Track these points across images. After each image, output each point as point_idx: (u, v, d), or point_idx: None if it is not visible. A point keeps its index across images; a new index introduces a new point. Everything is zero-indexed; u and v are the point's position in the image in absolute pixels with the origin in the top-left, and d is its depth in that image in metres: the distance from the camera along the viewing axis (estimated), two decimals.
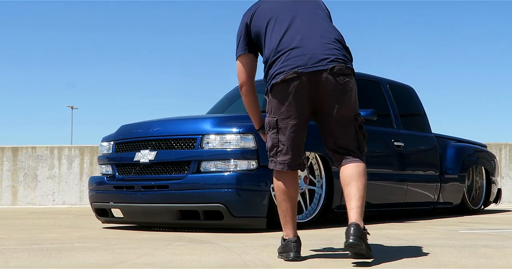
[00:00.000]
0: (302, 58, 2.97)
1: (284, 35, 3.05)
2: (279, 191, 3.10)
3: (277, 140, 3.06)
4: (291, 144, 3.04)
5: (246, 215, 4.67)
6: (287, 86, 2.97)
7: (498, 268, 2.67)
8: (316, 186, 5.20)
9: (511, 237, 4.18)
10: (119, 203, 5.13)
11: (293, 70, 2.95)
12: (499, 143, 11.43)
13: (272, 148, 3.09)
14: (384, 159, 6.20)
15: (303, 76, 2.95)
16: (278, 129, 3.04)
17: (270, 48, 3.07)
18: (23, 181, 10.72)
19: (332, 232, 4.60)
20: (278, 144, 3.06)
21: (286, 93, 2.98)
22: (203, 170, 4.72)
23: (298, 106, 3.00)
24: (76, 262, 2.96)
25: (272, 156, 3.11)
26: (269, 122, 3.08)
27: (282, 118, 3.02)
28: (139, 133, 5.12)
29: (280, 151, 3.05)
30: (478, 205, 7.69)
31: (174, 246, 3.65)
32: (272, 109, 3.06)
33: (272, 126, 3.07)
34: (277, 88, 3.00)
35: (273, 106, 3.05)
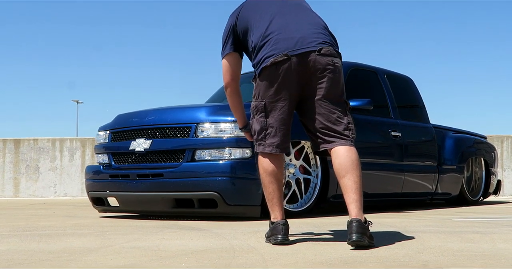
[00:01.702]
0: (291, 41, 3.01)
1: (272, 22, 3.11)
2: (266, 173, 3.12)
3: (265, 123, 3.08)
4: (280, 126, 3.08)
5: (240, 203, 4.68)
6: (277, 69, 3.00)
7: (481, 251, 2.68)
8: (312, 175, 5.21)
9: (502, 225, 4.18)
10: (114, 192, 5.16)
11: (282, 52, 2.98)
12: (501, 135, 11.40)
13: (260, 131, 3.12)
14: (380, 149, 6.20)
15: (293, 58, 2.98)
16: (266, 112, 3.07)
17: (258, 34, 3.11)
18: (25, 173, 10.77)
19: (326, 220, 4.61)
20: (266, 127, 3.09)
21: (276, 76, 3.01)
22: (198, 159, 4.73)
23: (288, 88, 3.02)
24: (63, 246, 2.98)
25: (260, 140, 3.12)
26: (257, 106, 3.11)
27: (271, 101, 3.05)
28: (134, 122, 5.14)
29: (269, 134, 3.09)
30: (477, 196, 7.68)
31: (165, 233, 3.67)
32: (260, 93, 3.08)
33: (260, 109, 3.09)
34: (266, 71, 3.03)
35: (262, 89, 3.07)
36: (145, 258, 2.50)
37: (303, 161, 5.15)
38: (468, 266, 2.25)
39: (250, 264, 2.33)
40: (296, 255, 2.57)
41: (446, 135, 7.27)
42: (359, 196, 2.88)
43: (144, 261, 2.41)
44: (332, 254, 2.61)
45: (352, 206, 2.86)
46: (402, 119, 6.49)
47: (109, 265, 2.33)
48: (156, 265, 2.32)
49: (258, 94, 3.11)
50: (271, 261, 2.39)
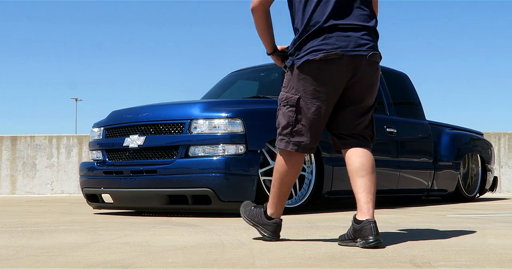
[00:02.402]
0: (344, 39, 2.78)
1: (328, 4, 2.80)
2: (284, 173, 2.92)
3: (294, 119, 2.84)
4: (311, 127, 2.84)
5: (234, 199, 4.67)
6: (325, 66, 2.76)
7: (471, 246, 2.67)
8: (306, 171, 5.20)
9: (495, 221, 4.18)
10: (108, 188, 5.15)
11: (335, 50, 2.75)
12: (498, 132, 11.39)
13: (286, 126, 2.87)
14: (376, 145, 6.12)
15: (344, 58, 2.77)
16: (298, 108, 2.82)
17: (307, 13, 2.81)
18: (22, 170, 10.76)
19: (319, 217, 4.61)
20: (294, 123, 2.84)
21: (322, 73, 2.78)
22: (192, 155, 4.72)
23: (331, 89, 2.80)
24: (53, 242, 2.97)
25: (285, 135, 2.88)
26: (288, 98, 2.84)
27: (308, 97, 2.80)
28: (128, 118, 5.13)
29: (297, 132, 2.85)
30: (474, 193, 7.68)
31: (157, 229, 3.67)
32: (296, 86, 2.82)
33: (291, 103, 2.84)
34: (312, 65, 2.77)
35: (299, 82, 2.81)
36: (133, 254, 2.49)
37: None
38: (455, 260, 2.24)
39: (237, 259, 2.32)
40: (285, 250, 2.56)
41: (442, 131, 7.26)
42: (374, 197, 2.79)
43: (132, 257, 2.40)
44: (322, 249, 2.60)
45: (368, 206, 2.72)
46: (397, 115, 6.49)
47: (96, 260, 2.32)
48: (144, 260, 2.31)
49: (292, 86, 2.83)
50: (259, 257, 2.39)
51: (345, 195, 5.62)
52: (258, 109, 5.08)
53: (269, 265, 2.17)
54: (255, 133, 4.78)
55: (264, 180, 4.85)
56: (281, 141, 2.91)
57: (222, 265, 2.17)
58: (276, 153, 4.93)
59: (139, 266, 2.16)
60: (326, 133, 3.04)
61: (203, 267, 2.13)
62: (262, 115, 5.02)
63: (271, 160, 4.93)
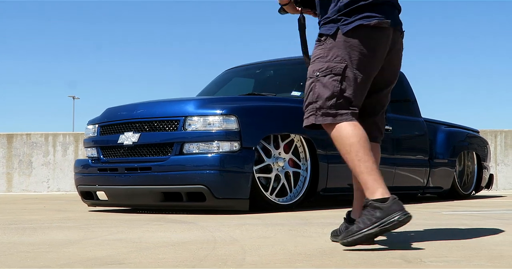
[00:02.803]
0: (391, 12, 2.66)
1: None
2: (363, 140, 2.49)
3: (339, 89, 2.55)
4: (356, 99, 2.59)
5: (228, 196, 4.66)
6: (376, 33, 2.59)
7: (464, 243, 2.67)
8: (301, 169, 5.19)
9: (490, 218, 4.18)
10: (103, 185, 5.14)
11: (387, 19, 2.60)
12: (494, 130, 11.39)
13: (331, 97, 2.56)
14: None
15: (390, 30, 2.63)
16: (344, 77, 2.56)
17: None
18: (18, 168, 10.74)
19: (314, 214, 4.60)
20: (340, 93, 2.56)
21: (372, 41, 2.59)
22: (186, 152, 4.72)
23: (376, 60, 2.62)
24: (45, 238, 2.96)
25: (328, 107, 2.56)
26: (331, 67, 2.57)
27: (354, 67, 2.57)
28: (123, 115, 5.12)
29: (348, 102, 2.56)
30: (469, 190, 7.68)
31: (150, 226, 3.66)
32: (341, 54, 2.58)
33: (336, 72, 2.57)
34: (361, 32, 2.57)
35: (345, 50, 2.57)
36: (124, 250, 2.48)
37: (292, 154, 5.13)
38: (446, 257, 2.24)
39: (228, 255, 2.31)
40: (277, 247, 2.55)
41: (438, 129, 7.26)
42: None
43: (123, 253, 2.40)
44: (313, 245, 2.59)
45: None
46: (393, 113, 6.48)
47: (86, 256, 2.31)
48: (134, 256, 2.30)
49: (336, 54, 2.58)
50: (250, 252, 2.38)
51: (340, 192, 5.62)
52: (253, 106, 5.07)
53: (260, 261, 2.16)
54: (249, 130, 4.78)
55: (259, 177, 4.84)
56: (324, 116, 2.57)
57: (213, 261, 2.16)
58: (271, 150, 4.97)
59: (129, 262, 2.15)
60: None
61: (193, 263, 2.13)
62: (257, 112, 5.01)
63: (266, 157, 4.92)
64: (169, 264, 2.11)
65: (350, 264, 2.10)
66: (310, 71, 2.65)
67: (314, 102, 2.60)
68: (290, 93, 5.79)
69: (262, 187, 4.83)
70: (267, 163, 4.93)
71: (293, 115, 5.26)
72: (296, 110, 5.35)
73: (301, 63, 6.36)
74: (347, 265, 2.07)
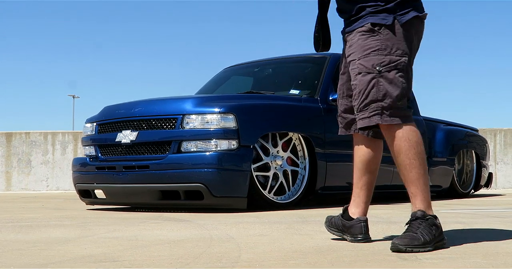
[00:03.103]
0: None
1: None
2: (420, 146, 2.43)
3: (406, 86, 2.43)
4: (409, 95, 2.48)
5: (226, 195, 4.65)
6: (422, 25, 2.55)
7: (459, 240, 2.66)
8: (299, 167, 5.18)
9: (488, 216, 4.17)
10: (101, 184, 5.13)
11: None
12: (494, 128, 11.39)
13: (401, 95, 2.41)
14: None
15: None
16: (406, 72, 2.45)
17: None
18: (17, 167, 10.74)
19: (312, 212, 4.60)
20: (407, 92, 2.44)
21: (420, 33, 2.54)
22: (184, 150, 4.71)
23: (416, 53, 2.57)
24: (41, 236, 2.96)
25: (397, 107, 2.41)
26: (394, 61, 2.42)
27: (412, 62, 2.50)
28: (121, 113, 5.11)
29: (407, 101, 2.46)
30: (468, 188, 7.67)
31: (147, 224, 3.65)
32: (401, 47, 2.45)
33: (401, 67, 2.43)
34: (414, 23, 2.49)
35: (404, 43, 2.46)
36: (120, 248, 2.48)
37: (290, 153, 5.13)
38: (441, 254, 2.23)
39: (223, 252, 2.31)
40: (272, 244, 2.55)
41: (437, 127, 7.25)
42: None
43: (118, 250, 2.39)
44: (309, 243, 2.59)
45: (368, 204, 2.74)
46: None
47: (81, 254, 2.31)
48: (129, 254, 2.30)
49: (396, 47, 2.44)
50: (246, 250, 2.38)
51: (339, 191, 5.62)
52: (251, 105, 5.06)
53: (254, 259, 2.16)
54: (248, 129, 4.77)
55: (257, 175, 4.84)
56: (394, 116, 2.41)
57: (208, 259, 2.16)
58: (269, 148, 4.97)
59: (123, 260, 2.14)
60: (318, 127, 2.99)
61: (187, 260, 2.12)
62: (255, 111, 5.01)
63: (264, 155, 4.92)
64: (163, 261, 2.11)
65: (345, 261, 2.09)
66: (366, 65, 2.44)
67: (380, 101, 2.41)
68: (288, 92, 5.78)
69: (260, 185, 4.82)
70: (265, 162, 4.92)
71: (291, 113, 5.26)
72: (294, 108, 5.36)
73: (300, 61, 6.37)
74: (342, 263, 2.06)
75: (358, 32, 2.50)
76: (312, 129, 5.25)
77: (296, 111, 5.31)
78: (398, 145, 2.42)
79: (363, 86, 2.44)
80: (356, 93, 2.48)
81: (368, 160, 2.65)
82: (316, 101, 5.49)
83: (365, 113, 2.45)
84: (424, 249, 2.26)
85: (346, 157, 5.61)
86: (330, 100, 5.52)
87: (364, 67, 2.45)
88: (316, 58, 6.10)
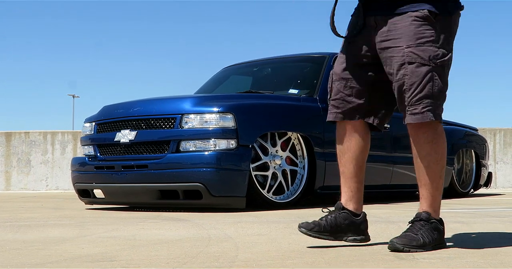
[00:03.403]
0: None
1: None
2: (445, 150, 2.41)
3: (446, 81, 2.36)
4: None
5: (225, 194, 4.65)
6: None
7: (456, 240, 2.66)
8: (298, 166, 5.18)
9: (486, 215, 4.17)
10: (100, 183, 5.13)
11: None
12: (493, 128, 11.38)
13: (444, 92, 2.33)
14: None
15: None
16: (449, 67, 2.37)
17: None
18: (17, 166, 10.73)
19: (311, 212, 4.59)
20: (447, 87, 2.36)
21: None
22: (183, 150, 4.71)
23: None
24: (39, 236, 2.95)
25: (439, 104, 2.33)
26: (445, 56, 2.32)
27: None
28: (120, 113, 5.11)
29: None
30: (468, 188, 7.66)
31: (146, 223, 3.65)
32: (450, 40, 2.34)
33: (449, 63, 2.34)
34: (457, 16, 2.39)
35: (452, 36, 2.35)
36: (117, 247, 2.47)
37: (289, 152, 5.12)
38: (439, 253, 2.23)
39: (221, 252, 2.30)
40: (270, 244, 2.54)
41: None
42: None
43: (115, 250, 2.39)
44: (307, 243, 2.58)
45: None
46: None
47: (78, 253, 2.30)
48: (126, 253, 2.29)
49: (447, 40, 2.33)
50: (243, 250, 2.37)
51: (338, 190, 5.60)
52: (250, 104, 5.06)
53: (252, 258, 2.15)
54: (246, 128, 4.76)
55: (256, 175, 4.83)
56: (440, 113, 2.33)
57: (205, 258, 2.15)
58: (268, 147, 4.96)
59: (120, 259, 2.14)
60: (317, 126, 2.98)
61: (184, 260, 2.12)
62: (254, 110, 5.00)
63: (263, 155, 4.91)
64: (160, 261, 2.10)
65: (342, 261, 2.09)
66: (421, 55, 2.29)
67: (434, 97, 2.29)
68: (287, 91, 5.78)
69: (259, 185, 4.82)
70: (264, 161, 4.92)
71: (290, 113, 5.26)
72: (293, 108, 5.35)
73: (299, 61, 6.36)
74: (339, 262, 2.06)
75: (410, 16, 2.31)
76: (311, 128, 5.25)
77: (295, 111, 5.31)
78: (433, 143, 2.35)
79: (417, 78, 2.29)
80: (408, 84, 2.30)
81: (366, 151, 2.55)
82: (315, 101, 5.49)
83: (417, 107, 2.30)
84: (421, 250, 2.24)
85: None
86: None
87: (418, 57, 2.28)
88: (315, 58, 6.09)
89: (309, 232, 2.42)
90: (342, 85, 2.50)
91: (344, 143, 2.51)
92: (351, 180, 2.52)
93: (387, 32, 2.35)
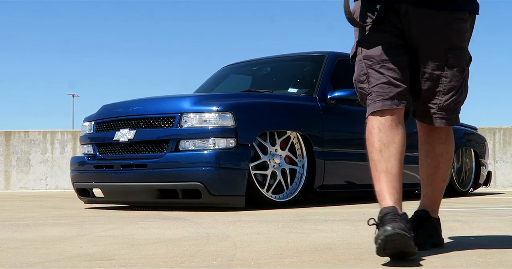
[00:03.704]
0: None
1: None
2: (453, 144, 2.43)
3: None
4: None
5: (224, 193, 4.65)
6: None
7: (454, 239, 2.66)
8: (298, 165, 5.18)
9: (484, 214, 4.17)
10: (99, 182, 5.13)
11: None
12: (493, 127, 11.38)
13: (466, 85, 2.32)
14: None
15: None
16: None
17: None
18: (16, 166, 10.73)
19: (309, 211, 4.59)
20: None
21: None
22: (182, 149, 4.70)
23: None
24: (38, 235, 2.95)
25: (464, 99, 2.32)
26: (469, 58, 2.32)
27: None
28: (119, 112, 5.11)
29: None
30: (467, 187, 7.66)
31: (145, 222, 3.65)
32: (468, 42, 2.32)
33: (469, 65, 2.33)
34: None
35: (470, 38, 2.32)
36: (116, 246, 2.47)
37: (289, 151, 5.12)
38: (436, 252, 2.23)
39: (219, 251, 2.30)
40: (269, 243, 2.54)
41: None
42: None
43: (114, 249, 2.39)
44: (306, 241, 2.59)
45: None
46: None
47: (77, 252, 2.30)
48: (125, 252, 2.29)
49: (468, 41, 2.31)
50: (242, 248, 2.37)
51: (337, 189, 5.62)
52: (249, 103, 5.06)
53: (250, 257, 2.15)
54: (246, 127, 4.76)
55: (255, 174, 4.83)
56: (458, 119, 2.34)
57: (203, 257, 2.15)
58: (267, 146, 4.96)
59: (119, 258, 2.14)
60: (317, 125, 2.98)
61: (183, 259, 2.12)
62: (253, 109, 5.00)
63: (262, 154, 4.91)
64: (158, 260, 2.10)
65: (340, 260, 2.09)
66: (463, 60, 2.23)
67: (463, 101, 2.28)
68: (286, 90, 5.78)
69: (258, 184, 4.82)
70: (263, 160, 4.92)
71: (289, 112, 5.26)
72: (292, 107, 5.35)
73: (298, 60, 6.36)
74: (337, 261, 2.06)
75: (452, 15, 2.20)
76: (310, 127, 5.25)
77: (294, 110, 5.31)
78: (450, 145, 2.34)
79: (457, 83, 2.22)
80: (446, 88, 2.21)
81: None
82: (315, 100, 5.49)
83: (452, 113, 2.25)
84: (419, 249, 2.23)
85: (345, 156, 5.63)
86: (329, 98, 5.52)
87: (460, 62, 2.22)
88: (314, 57, 6.09)
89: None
90: (385, 68, 2.21)
91: (388, 135, 2.21)
92: (396, 179, 2.21)
93: (425, 26, 2.19)
